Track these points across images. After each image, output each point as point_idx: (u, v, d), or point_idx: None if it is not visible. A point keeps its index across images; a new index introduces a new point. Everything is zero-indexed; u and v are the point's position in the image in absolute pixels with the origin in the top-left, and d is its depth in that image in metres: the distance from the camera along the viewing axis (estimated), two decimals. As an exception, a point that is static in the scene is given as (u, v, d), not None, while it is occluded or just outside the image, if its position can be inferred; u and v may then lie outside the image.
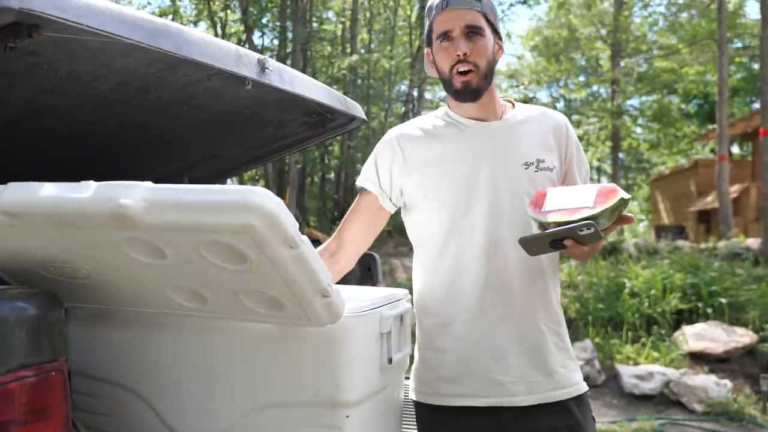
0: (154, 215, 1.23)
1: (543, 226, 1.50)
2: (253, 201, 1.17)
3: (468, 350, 1.68)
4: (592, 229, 1.40)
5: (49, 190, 1.30)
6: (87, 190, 1.27)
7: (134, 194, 1.23)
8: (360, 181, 1.85)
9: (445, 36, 1.67)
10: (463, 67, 1.65)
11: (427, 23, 1.76)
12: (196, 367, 1.63)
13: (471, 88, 1.67)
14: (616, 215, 1.48)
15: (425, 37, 1.80)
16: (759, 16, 10.31)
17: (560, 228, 1.44)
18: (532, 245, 1.50)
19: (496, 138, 1.73)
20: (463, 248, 1.69)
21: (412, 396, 1.81)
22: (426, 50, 1.81)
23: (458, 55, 1.64)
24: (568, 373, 1.69)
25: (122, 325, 1.69)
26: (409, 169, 1.77)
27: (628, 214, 1.52)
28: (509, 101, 1.85)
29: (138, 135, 2.45)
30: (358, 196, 1.88)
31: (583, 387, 1.72)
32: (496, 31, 1.72)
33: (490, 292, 1.66)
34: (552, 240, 1.46)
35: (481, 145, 1.72)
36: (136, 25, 1.50)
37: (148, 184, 1.26)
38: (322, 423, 1.54)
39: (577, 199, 1.48)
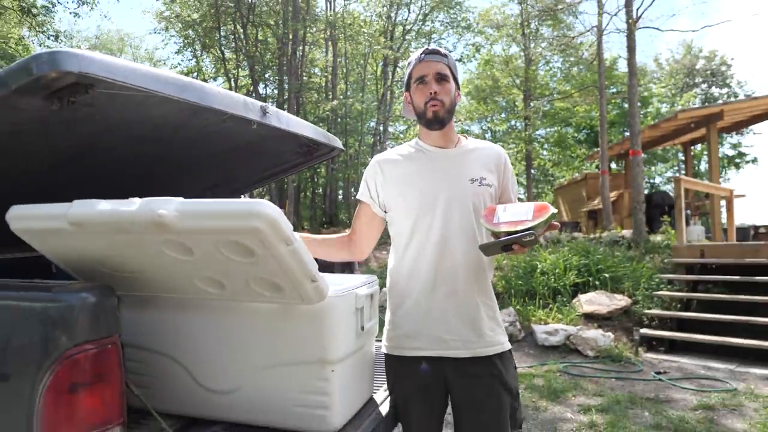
0: (185, 222, 1.23)
1: (496, 234, 1.51)
2: (259, 210, 1.18)
3: (422, 315, 1.70)
4: (533, 236, 1.44)
5: (104, 205, 1.29)
6: (133, 205, 1.26)
7: (169, 206, 1.23)
8: (359, 196, 1.88)
9: (421, 80, 1.72)
10: (433, 102, 1.70)
11: (407, 73, 1.79)
12: (219, 338, 1.62)
13: (439, 118, 1.71)
14: (547, 224, 1.52)
15: (405, 84, 1.83)
16: (627, 70, 10.52)
17: (510, 237, 1.46)
18: (488, 249, 1.52)
19: (451, 161, 1.76)
20: (423, 241, 1.71)
21: (383, 349, 1.82)
22: (405, 94, 1.83)
23: (431, 93, 1.69)
24: (495, 335, 1.71)
25: (162, 307, 1.67)
26: (387, 183, 1.80)
27: (555, 222, 1.56)
28: (465, 135, 1.88)
29: (170, 164, 2.41)
30: (358, 206, 1.90)
31: (507, 346, 1.74)
32: (456, 81, 1.76)
33: (441, 274, 1.69)
34: (504, 245, 1.48)
35: (440, 166, 1.74)
36: (168, 83, 1.49)
37: (180, 198, 1.26)
38: (314, 376, 1.54)
39: (519, 214, 1.51)
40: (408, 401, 1.75)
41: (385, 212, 1.84)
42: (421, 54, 1.74)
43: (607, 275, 7.41)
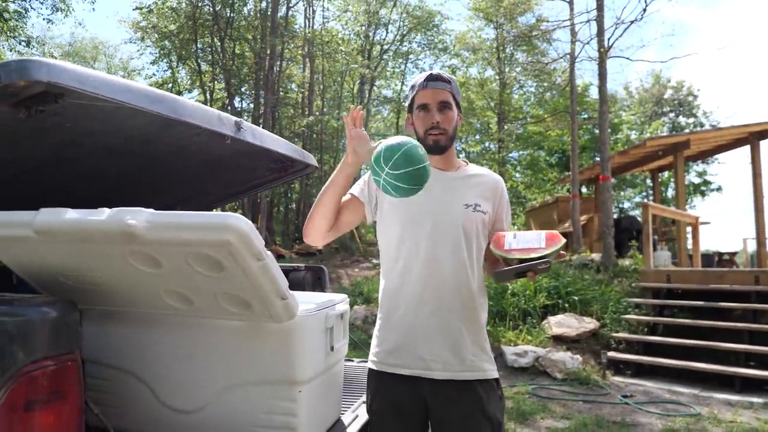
0: (154, 233, 1.21)
1: (507, 261, 1.52)
2: (230, 223, 1.17)
3: (405, 332, 1.68)
4: (548, 265, 1.46)
5: (72, 214, 1.27)
6: (102, 214, 1.25)
7: (139, 217, 1.21)
8: (354, 191, 1.81)
9: (424, 107, 1.71)
10: (434, 131, 1.69)
11: (410, 96, 1.77)
12: (184, 355, 1.59)
13: (440, 146, 1.71)
14: (557, 253, 1.53)
15: (408, 106, 1.81)
16: (598, 97, 10.81)
17: (527, 264, 1.47)
18: (502, 276, 1.52)
19: (449, 183, 1.75)
20: (411, 258, 1.69)
21: (369, 363, 1.79)
22: (407, 116, 1.82)
23: (433, 123, 1.69)
24: (478, 361, 1.68)
25: (126, 322, 1.63)
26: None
27: (562, 252, 1.57)
28: (465, 161, 1.87)
29: (141, 176, 2.38)
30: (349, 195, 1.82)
31: (491, 374, 1.71)
32: (458, 106, 1.76)
33: (427, 292, 1.67)
34: (518, 272, 1.49)
35: (437, 187, 1.71)
36: (140, 94, 1.48)
37: (150, 209, 1.24)
38: (281, 396, 1.52)
39: (531, 242, 1.53)
40: (383, 418, 1.73)
41: (375, 220, 1.82)
42: (424, 80, 1.72)
43: (576, 298, 7.49)
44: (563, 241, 1.52)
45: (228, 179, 2.75)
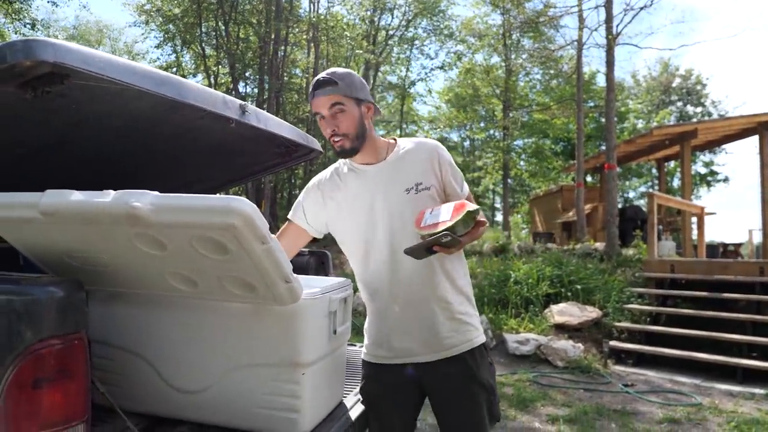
0: (159, 215, 1.22)
1: (423, 237, 1.52)
2: (235, 206, 1.18)
3: (386, 328, 1.74)
4: (450, 237, 1.45)
5: (77, 196, 1.28)
6: (108, 196, 1.25)
7: (144, 199, 1.22)
8: (291, 216, 1.85)
9: (320, 116, 1.68)
10: (335, 138, 1.66)
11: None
12: (189, 336, 1.61)
13: (345, 150, 1.68)
14: (472, 222, 1.52)
15: None
16: (605, 85, 10.74)
17: (428, 240, 1.48)
18: (414, 253, 1.53)
19: (383, 174, 1.73)
20: (376, 258, 1.73)
21: (362, 355, 1.85)
22: None
23: (331, 131, 1.66)
24: (459, 335, 1.70)
25: (132, 303, 1.65)
26: (327, 207, 1.80)
27: (482, 219, 1.58)
28: (393, 140, 1.82)
29: (146, 159, 2.39)
30: (286, 224, 1.86)
31: (477, 342, 1.73)
32: (359, 100, 1.67)
33: (395, 288, 1.70)
34: (426, 247, 1.50)
35: (373, 183, 1.72)
36: (145, 76, 1.48)
37: (155, 192, 1.25)
38: (285, 379, 1.54)
39: (441, 215, 1.52)
40: (374, 404, 1.79)
41: (323, 233, 1.86)
42: (311, 90, 1.67)
43: (579, 287, 7.51)
44: (468, 209, 1.49)
45: (232, 163, 2.75)
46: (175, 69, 18.83)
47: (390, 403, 1.76)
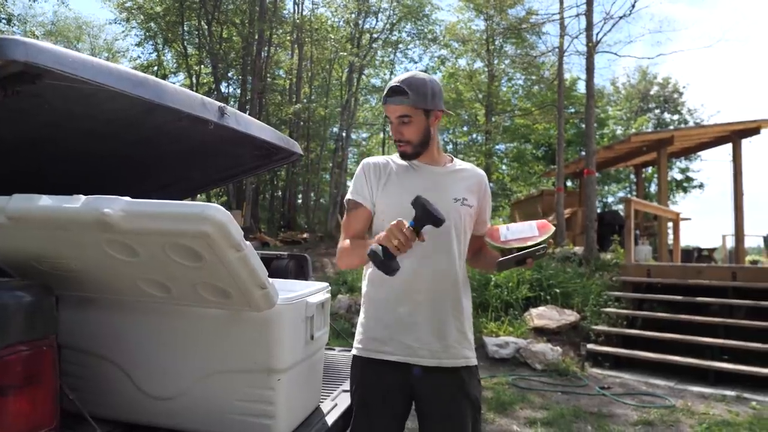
0: (130, 222, 1.20)
1: (505, 252, 1.63)
2: (208, 213, 1.16)
3: (394, 321, 1.72)
4: (544, 250, 1.59)
5: (45, 201, 1.25)
6: (77, 202, 1.22)
7: (115, 205, 1.19)
8: (353, 196, 1.82)
9: (389, 120, 1.77)
10: (400, 143, 1.76)
11: None
12: (162, 342, 1.58)
13: (407, 155, 1.78)
14: (549, 239, 1.65)
15: None
16: (585, 92, 10.87)
17: (525, 251, 1.59)
18: (503, 265, 1.63)
19: (437, 178, 1.80)
20: None
21: (353, 351, 1.81)
22: None
23: (397, 137, 1.75)
24: (461, 349, 1.74)
25: (103, 308, 1.62)
26: (380, 187, 1.80)
27: (551, 240, 1.70)
28: (450, 156, 1.92)
29: (120, 161, 2.34)
30: (353, 209, 1.82)
31: (473, 361, 1.78)
32: (427, 111, 1.74)
33: (416, 284, 1.71)
34: (518, 260, 1.59)
35: (428, 182, 1.78)
36: (122, 77, 1.45)
37: (127, 198, 1.22)
38: (260, 385, 1.52)
39: (525, 231, 1.66)
40: (369, 404, 1.75)
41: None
42: (384, 96, 1.75)
43: (558, 290, 7.57)
44: (553, 228, 1.64)
45: (211, 165, 2.72)
46: (156, 68, 18.64)
47: (383, 408, 1.73)
